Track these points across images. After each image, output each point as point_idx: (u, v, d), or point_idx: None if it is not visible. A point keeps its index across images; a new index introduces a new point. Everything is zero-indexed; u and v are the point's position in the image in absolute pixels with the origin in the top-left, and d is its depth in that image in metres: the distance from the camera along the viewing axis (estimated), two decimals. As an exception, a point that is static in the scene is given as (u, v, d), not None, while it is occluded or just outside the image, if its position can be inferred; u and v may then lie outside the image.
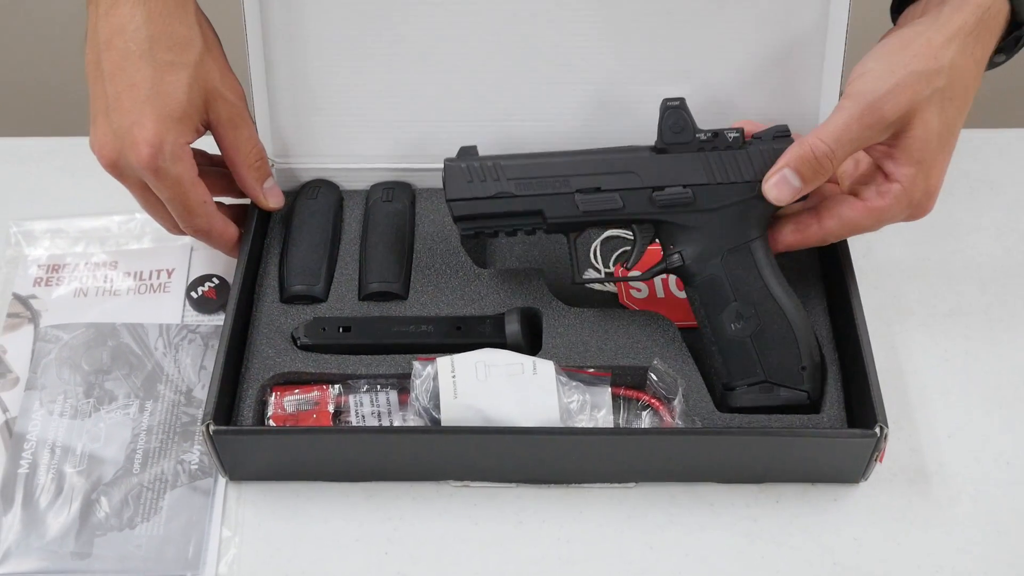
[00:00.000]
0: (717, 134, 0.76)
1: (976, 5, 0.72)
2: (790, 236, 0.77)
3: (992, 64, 0.77)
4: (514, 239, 0.86)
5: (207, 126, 0.78)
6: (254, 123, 0.81)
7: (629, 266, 0.79)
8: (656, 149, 0.77)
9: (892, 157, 0.72)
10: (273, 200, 0.82)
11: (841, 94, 0.76)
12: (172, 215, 0.78)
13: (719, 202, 0.76)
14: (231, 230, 0.81)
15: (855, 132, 0.70)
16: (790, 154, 0.73)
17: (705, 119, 0.76)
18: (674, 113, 0.76)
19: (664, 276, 0.82)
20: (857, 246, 0.82)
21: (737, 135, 0.75)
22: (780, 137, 0.75)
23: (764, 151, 0.75)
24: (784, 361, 0.75)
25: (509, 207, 0.76)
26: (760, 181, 0.74)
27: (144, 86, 0.73)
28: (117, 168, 0.75)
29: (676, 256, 0.76)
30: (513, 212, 0.77)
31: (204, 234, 0.79)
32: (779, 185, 0.73)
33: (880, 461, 0.73)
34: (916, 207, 0.74)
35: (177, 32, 0.74)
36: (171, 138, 0.73)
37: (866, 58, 0.73)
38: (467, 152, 0.78)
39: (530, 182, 0.76)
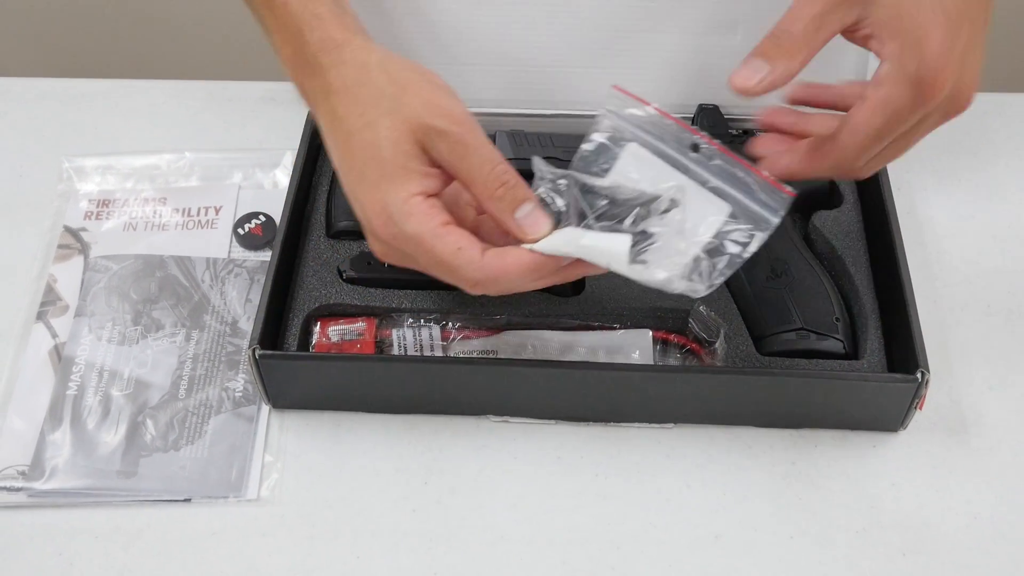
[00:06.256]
0: (747, 132, 0.84)
1: None
2: (805, 157, 0.68)
3: None
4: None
5: (437, 167, 0.64)
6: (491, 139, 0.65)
7: None
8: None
9: (875, 36, 0.63)
10: (531, 231, 0.63)
11: None
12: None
13: None
14: (525, 258, 0.62)
15: (816, 8, 0.62)
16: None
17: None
18: (712, 112, 0.86)
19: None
20: (900, 204, 0.82)
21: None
22: None
23: None
24: (819, 312, 0.76)
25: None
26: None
27: (353, 161, 0.64)
28: (388, 256, 0.66)
29: None
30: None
31: (486, 283, 0.63)
32: (743, 71, 0.64)
33: (920, 408, 0.73)
34: (920, 84, 0.61)
35: (363, 95, 0.64)
36: (391, 199, 0.62)
37: None
38: (515, 132, 0.84)
39: (576, 150, 0.80)
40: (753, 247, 0.63)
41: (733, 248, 0.63)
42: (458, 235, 0.62)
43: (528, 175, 0.81)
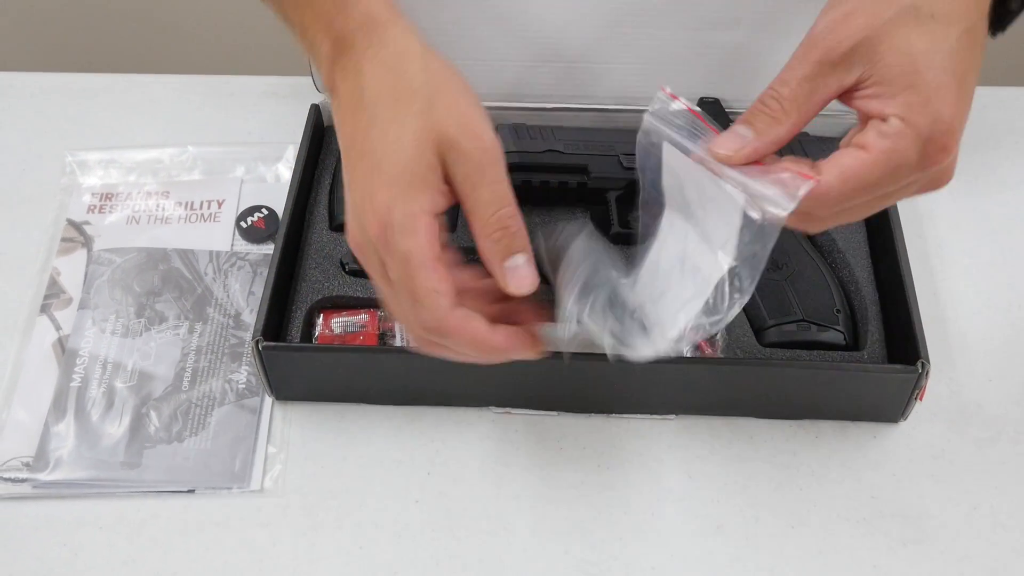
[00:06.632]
0: None
1: None
2: None
3: (1008, 12, 0.64)
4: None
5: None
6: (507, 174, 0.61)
7: None
8: None
9: (878, 96, 0.58)
10: (514, 284, 0.60)
11: None
12: (404, 305, 0.61)
13: None
14: (482, 335, 0.60)
15: (807, 70, 0.58)
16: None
17: (756, 64, 0.78)
18: (713, 105, 0.86)
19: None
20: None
21: None
22: None
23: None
24: (820, 304, 0.77)
25: (556, 160, 0.81)
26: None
27: (373, 153, 0.60)
28: (360, 250, 0.62)
29: None
30: (560, 165, 0.81)
31: (436, 333, 0.60)
32: (723, 138, 0.60)
33: (920, 399, 0.73)
34: (929, 143, 0.57)
35: (399, 84, 0.60)
36: (400, 206, 0.58)
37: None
38: (519, 125, 0.84)
39: (577, 144, 0.83)
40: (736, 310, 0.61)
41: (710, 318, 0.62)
42: (442, 277, 0.58)
43: (530, 167, 0.82)
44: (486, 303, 0.62)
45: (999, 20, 0.64)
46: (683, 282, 0.62)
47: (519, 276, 0.60)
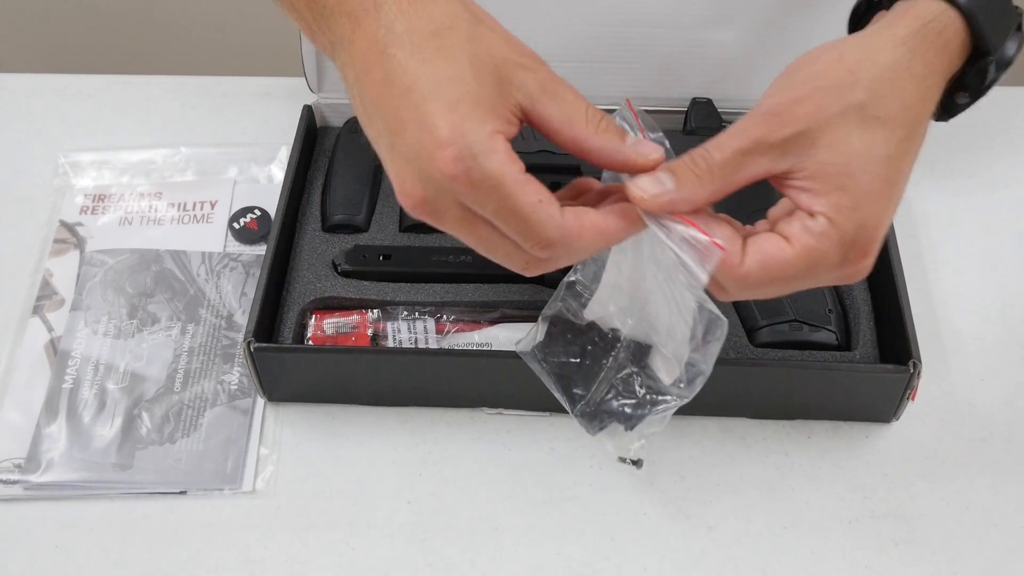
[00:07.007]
0: None
1: (913, 17, 0.59)
2: None
3: (955, 105, 0.63)
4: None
5: (519, 115, 0.55)
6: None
7: None
8: (685, 132, 0.86)
9: (808, 190, 0.56)
10: (651, 152, 0.56)
11: None
12: (512, 239, 0.55)
13: None
14: (601, 223, 0.56)
15: (743, 144, 0.56)
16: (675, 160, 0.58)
17: (748, 64, 0.78)
18: (705, 105, 0.87)
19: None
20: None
21: None
22: None
23: None
24: (812, 304, 0.77)
25: (548, 160, 0.80)
26: None
27: (419, 87, 0.52)
28: (429, 205, 0.54)
29: None
30: (553, 166, 0.81)
31: (559, 245, 0.55)
32: (646, 179, 0.56)
33: (912, 399, 0.73)
34: (852, 247, 0.55)
35: (434, 13, 0.54)
36: (472, 127, 0.52)
37: (781, 74, 0.60)
38: None
39: None
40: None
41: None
42: (540, 187, 0.53)
43: (530, 168, 0.81)
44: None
45: (946, 110, 0.63)
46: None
47: (644, 149, 0.57)
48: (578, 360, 0.67)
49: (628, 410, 0.66)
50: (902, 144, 0.56)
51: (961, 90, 0.61)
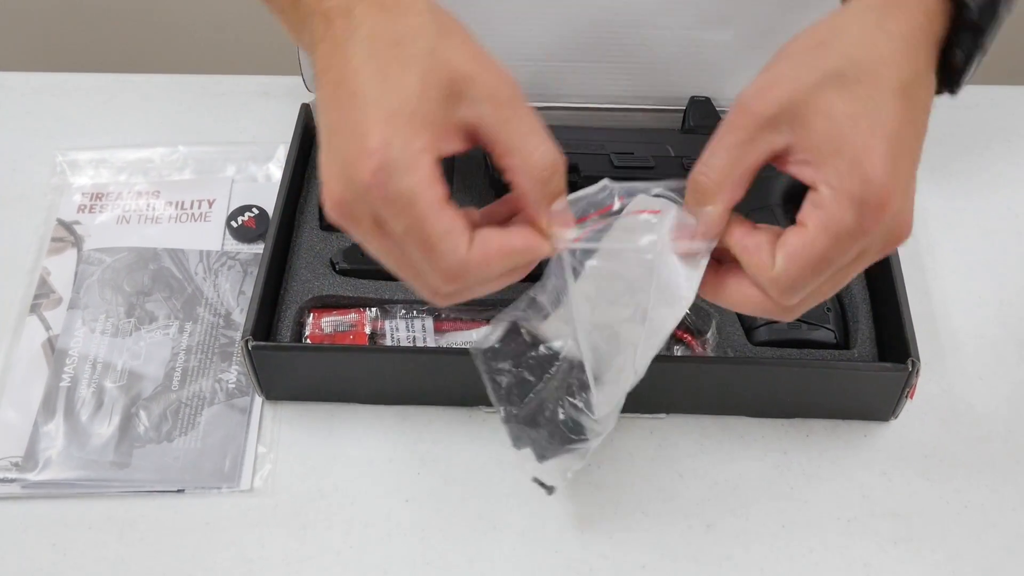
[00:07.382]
0: None
1: None
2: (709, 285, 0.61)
3: (951, 67, 0.59)
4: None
5: (469, 132, 0.54)
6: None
7: None
8: (684, 130, 0.86)
9: (809, 163, 0.55)
10: (561, 225, 0.56)
11: None
12: (415, 261, 0.54)
13: None
14: (506, 245, 0.55)
15: (732, 139, 0.56)
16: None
17: (747, 64, 0.78)
18: (703, 104, 0.87)
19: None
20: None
21: None
22: None
23: None
24: None
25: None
26: None
27: (364, 92, 0.52)
28: (346, 208, 0.53)
29: None
30: None
31: (459, 279, 0.54)
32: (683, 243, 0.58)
33: (911, 398, 0.73)
34: (863, 205, 0.53)
35: (400, 23, 0.54)
36: (400, 142, 0.51)
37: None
38: None
39: (567, 142, 0.81)
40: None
41: None
42: (455, 215, 0.52)
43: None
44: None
45: (949, 79, 0.60)
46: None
47: (565, 218, 0.56)
48: (519, 370, 0.67)
49: (544, 442, 0.65)
50: (896, 97, 0.54)
51: (956, 48, 0.58)
